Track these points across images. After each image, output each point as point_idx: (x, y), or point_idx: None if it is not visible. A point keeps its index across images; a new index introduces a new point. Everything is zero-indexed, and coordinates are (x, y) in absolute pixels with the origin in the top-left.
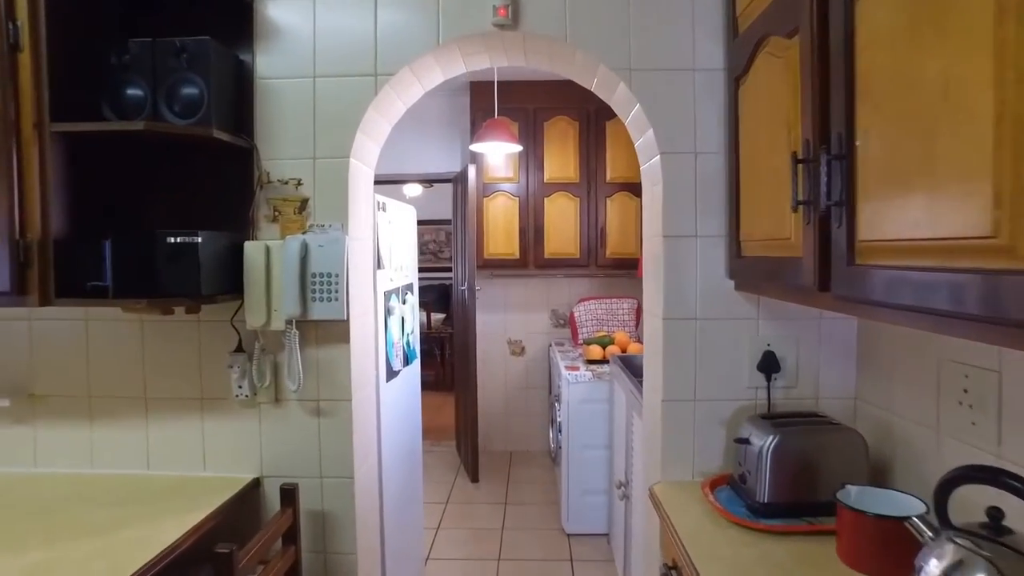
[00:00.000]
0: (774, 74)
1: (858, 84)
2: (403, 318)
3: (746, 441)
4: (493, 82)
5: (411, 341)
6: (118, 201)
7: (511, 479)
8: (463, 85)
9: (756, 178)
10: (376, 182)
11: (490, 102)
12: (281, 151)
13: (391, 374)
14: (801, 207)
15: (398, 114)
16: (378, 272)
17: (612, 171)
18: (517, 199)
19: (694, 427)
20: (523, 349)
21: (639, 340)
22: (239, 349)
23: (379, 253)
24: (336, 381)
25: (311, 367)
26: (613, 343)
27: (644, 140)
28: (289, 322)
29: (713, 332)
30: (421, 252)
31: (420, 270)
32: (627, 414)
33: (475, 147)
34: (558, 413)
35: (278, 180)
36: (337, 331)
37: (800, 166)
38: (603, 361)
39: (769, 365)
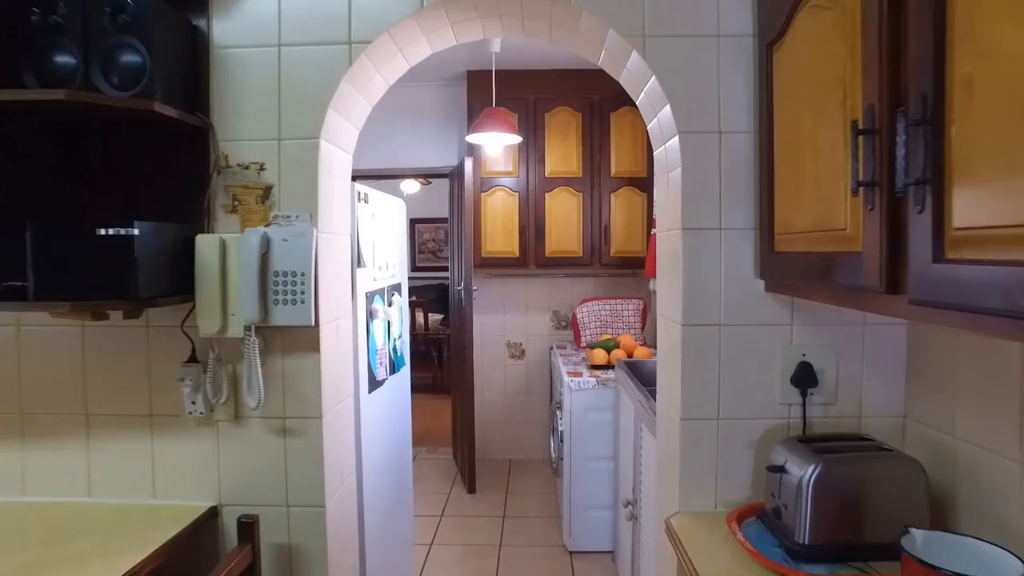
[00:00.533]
0: (821, 31)
1: (954, 23)
2: (389, 322)
3: (781, 469)
4: (491, 71)
5: (399, 347)
6: (49, 189)
7: (510, 490)
8: (459, 75)
9: (796, 159)
10: (369, 177)
11: (488, 93)
12: (241, 131)
13: (374, 384)
14: (863, 190)
15: (378, 91)
16: (358, 271)
17: (617, 165)
18: (516, 194)
19: (717, 449)
20: (523, 352)
21: (645, 343)
22: (192, 359)
23: (359, 250)
24: (304, 396)
25: (275, 380)
26: (618, 347)
27: (660, 119)
28: (248, 328)
29: (739, 340)
30: (420, 251)
31: (419, 269)
32: (635, 426)
33: (471, 138)
34: (559, 422)
35: (238, 165)
36: (305, 338)
37: (861, 138)
38: (608, 366)
39: (804, 378)
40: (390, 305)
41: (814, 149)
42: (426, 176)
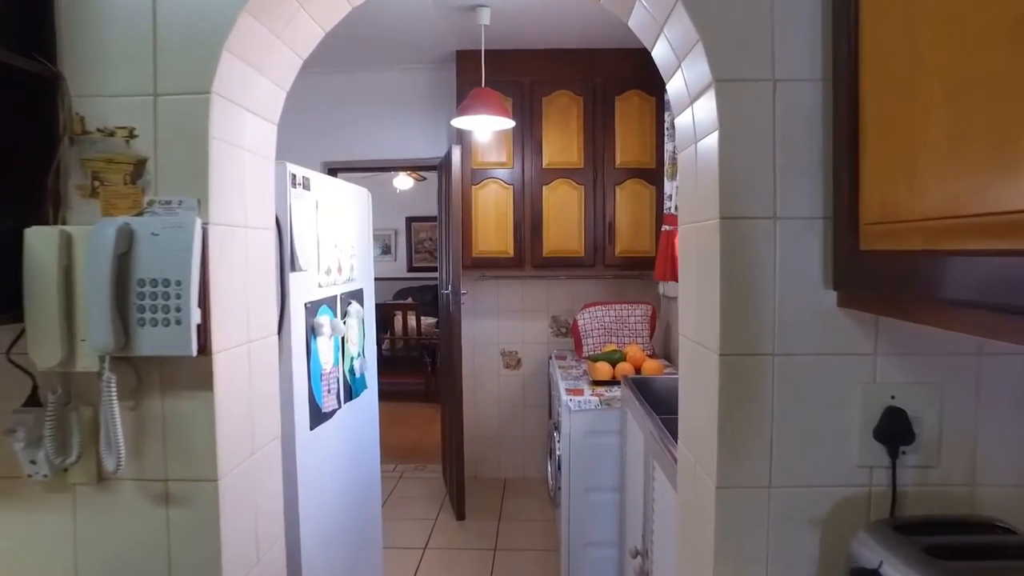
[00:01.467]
0: None
1: None
2: (342, 338)
3: (875, 575)
4: (481, 49)
5: (359, 367)
6: None
7: (503, 515)
8: (447, 56)
9: (907, 108)
10: (350, 170)
11: (480, 75)
12: (103, 83)
13: (319, 418)
14: None
15: (308, 37)
16: (292, 276)
17: (623, 155)
18: (511, 187)
19: (769, 529)
20: (519, 362)
21: (654, 354)
22: (33, 401)
23: (294, 249)
24: (193, 451)
25: (153, 430)
26: (625, 359)
27: (686, 69)
28: (103, 359)
29: (801, 375)
30: (416, 251)
31: (415, 269)
32: (646, 460)
33: (458, 122)
34: (557, 444)
35: (98, 130)
36: (191, 373)
37: None
38: (613, 382)
39: (894, 430)
40: (345, 317)
41: (949, 86)
42: (412, 168)
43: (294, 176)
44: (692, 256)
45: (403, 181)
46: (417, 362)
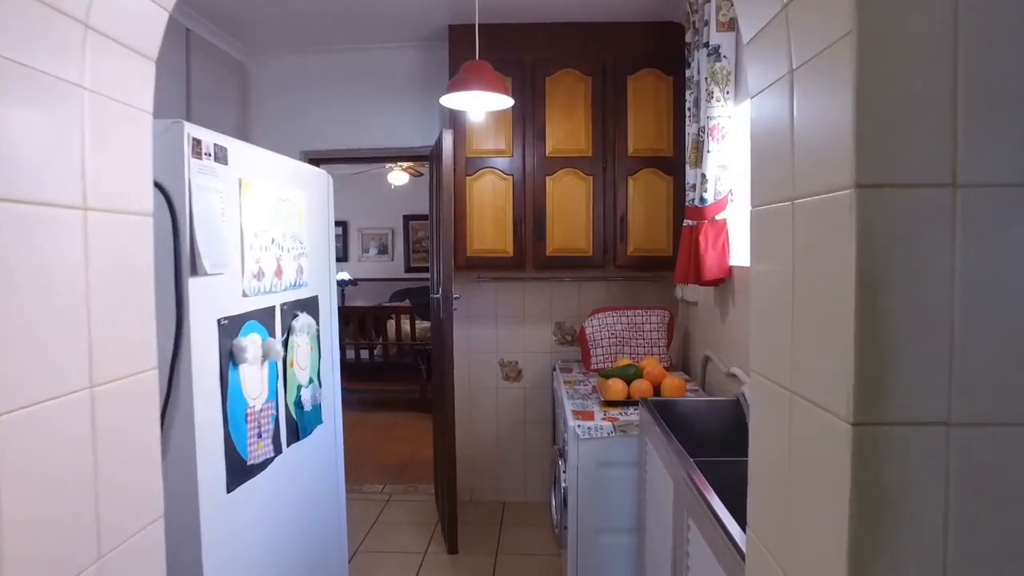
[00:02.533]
0: None
1: None
2: (284, 363)
3: None
4: (475, 23)
5: (307, 399)
6: None
7: (501, 546)
8: (439, 31)
9: None
10: (331, 160)
11: (475, 52)
12: None
13: (242, 474)
14: None
15: None
16: (193, 283)
17: (636, 142)
18: (510, 178)
19: None
20: (519, 373)
21: (671, 366)
22: None
23: (195, 244)
24: None
25: None
26: (641, 375)
27: None
28: None
29: (1004, 462)
30: (414, 250)
31: (413, 269)
32: (675, 508)
33: (448, 100)
34: (563, 475)
35: None
36: None
37: None
38: (628, 403)
39: None
40: (289, 335)
41: None
42: (401, 159)
43: (197, 142)
44: (777, 253)
45: (398, 176)
46: (412, 369)
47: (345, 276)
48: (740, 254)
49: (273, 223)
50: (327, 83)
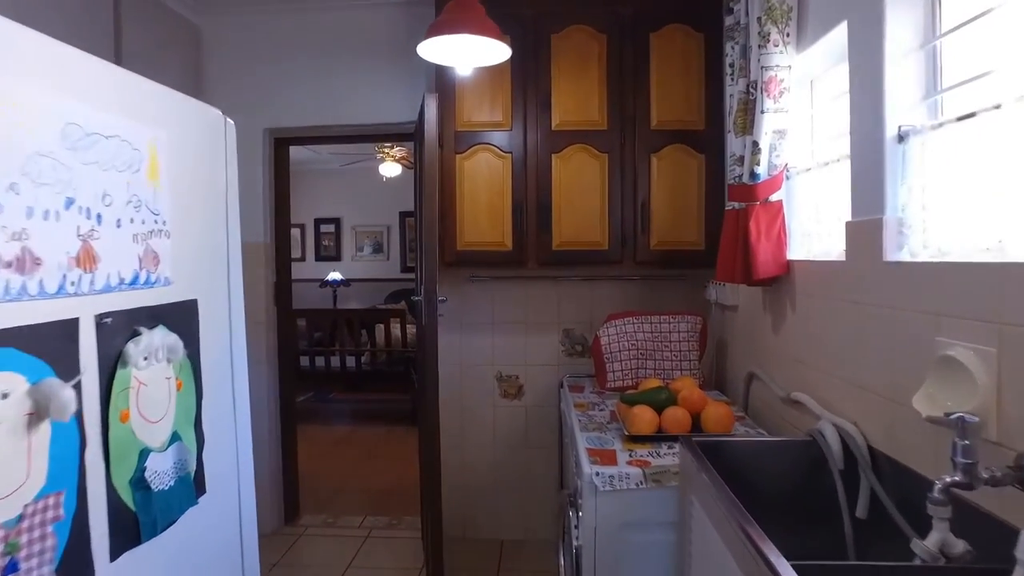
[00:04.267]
0: None
1: None
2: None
3: None
4: None
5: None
6: None
7: None
8: None
9: None
10: (304, 139)
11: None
12: None
13: None
14: None
15: None
16: None
17: (660, 112)
18: (509, 156)
19: None
20: (520, 389)
21: (702, 384)
22: None
23: None
24: None
25: None
26: (675, 401)
27: None
28: None
29: None
30: (410, 249)
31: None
32: None
33: (425, 50)
34: (575, 532)
35: None
36: None
37: None
38: (660, 438)
39: None
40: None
41: None
42: (382, 136)
43: None
44: None
45: (390, 168)
46: (403, 378)
47: (337, 276)
48: (798, 246)
49: (71, 173)
50: (296, 48)
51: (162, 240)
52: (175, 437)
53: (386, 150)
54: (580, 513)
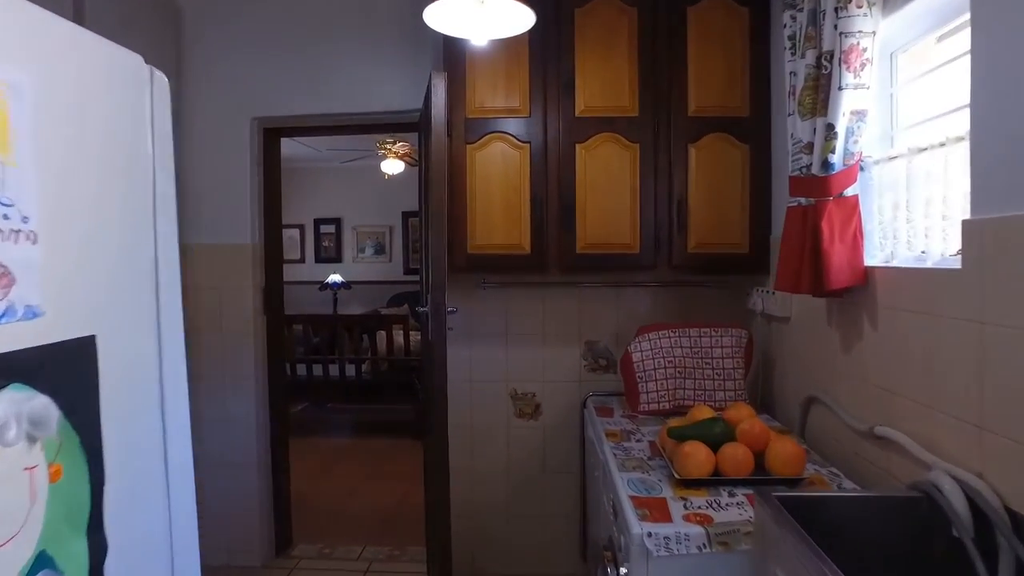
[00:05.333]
0: None
1: None
2: None
3: None
4: None
5: None
6: None
7: None
8: None
9: None
10: (295, 131)
11: None
12: None
13: None
14: None
15: None
16: None
17: (699, 97)
18: (527, 146)
19: None
20: (537, 408)
21: (754, 404)
22: None
23: None
24: None
25: None
26: (733, 436)
27: None
28: None
29: None
30: (413, 250)
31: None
32: None
33: (434, 16)
34: None
35: None
36: None
37: None
38: (718, 481)
39: None
40: None
41: None
42: (383, 126)
43: None
44: None
45: (392, 165)
46: (406, 387)
47: (338, 279)
48: (875, 249)
49: None
50: (288, 28)
51: (20, 247)
52: (42, 560)
53: (387, 146)
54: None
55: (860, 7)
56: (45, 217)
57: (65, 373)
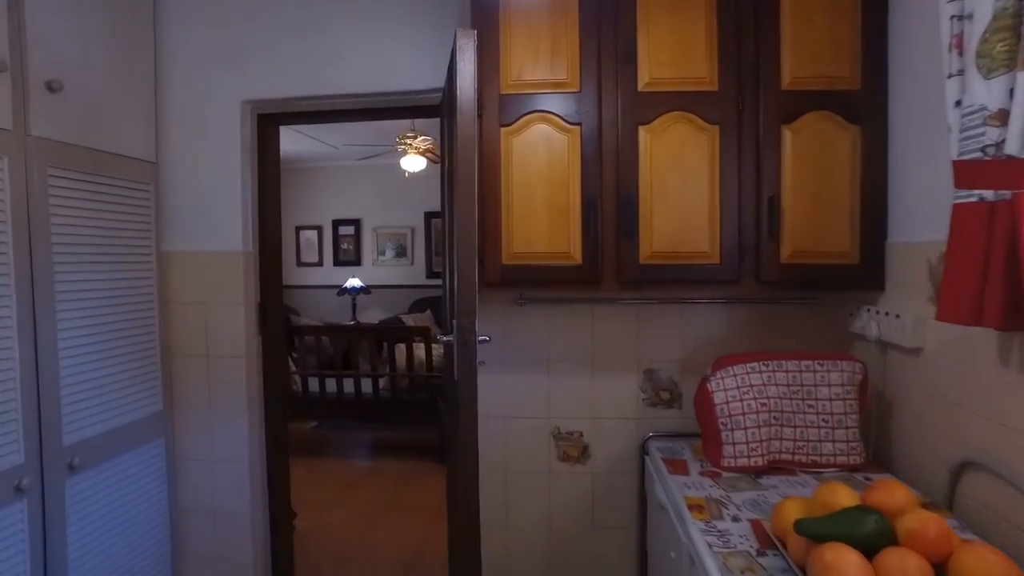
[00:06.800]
0: None
1: None
2: None
3: None
4: None
5: None
6: None
7: None
8: None
9: None
10: (294, 116)
11: None
12: None
13: None
14: None
15: None
16: None
17: (796, 66)
18: (577, 129)
19: None
20: (584, 450)
21: (863, 462)
22: None
23: None
24: None
25: None
26: (892, 536)
27: None
28: None
29: None
30: (436, 252)
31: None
32: None
33: None
34: None
35: None
36: None
37: None
38: None
39: None
40: None
41: None
42: (396, 109)
43: None
44: None
45: (413, 161)
46: (427, 407)
47: (356, 283)
48: None
49: None
50: None
51: None
52: None
53: (408, 141)
54: None
55: None
56: None
57: None
